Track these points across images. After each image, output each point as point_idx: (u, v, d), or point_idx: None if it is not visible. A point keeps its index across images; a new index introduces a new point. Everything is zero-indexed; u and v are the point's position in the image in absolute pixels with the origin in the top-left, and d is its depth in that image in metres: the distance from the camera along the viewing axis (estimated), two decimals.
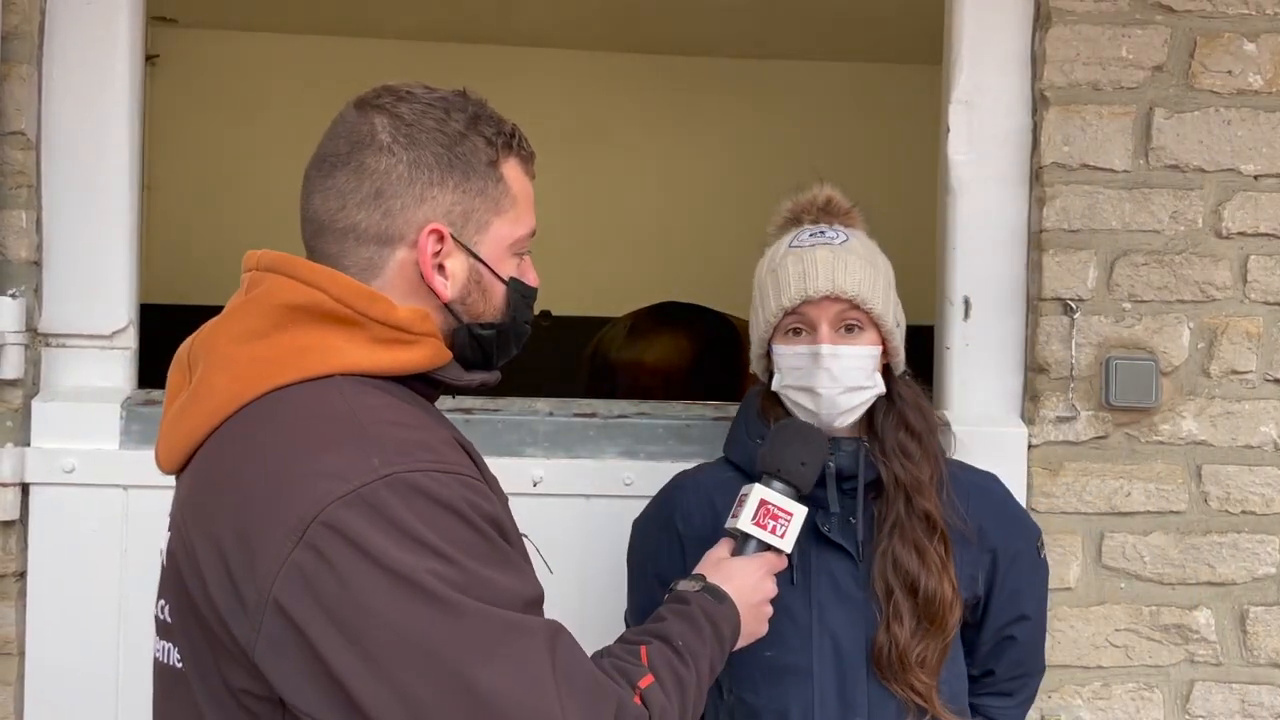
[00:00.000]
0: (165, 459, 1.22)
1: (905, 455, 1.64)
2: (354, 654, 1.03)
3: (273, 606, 1.05)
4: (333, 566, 1.03)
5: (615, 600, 2.09)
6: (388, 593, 1.03)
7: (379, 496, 1.05)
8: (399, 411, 1.15)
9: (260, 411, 1.13)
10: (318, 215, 1.21)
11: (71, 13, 2.13)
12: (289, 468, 1.08)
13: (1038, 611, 1.77)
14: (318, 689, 1.04)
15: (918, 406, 1.69)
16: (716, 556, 1.46)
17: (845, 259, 1.63)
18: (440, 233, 1.20)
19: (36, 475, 2.06)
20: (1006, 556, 1.69)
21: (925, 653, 1.58)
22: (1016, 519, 1.77)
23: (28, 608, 2.08)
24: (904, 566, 1.59)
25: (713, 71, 5.48)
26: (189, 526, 1.14)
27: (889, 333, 1.65)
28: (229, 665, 1.10)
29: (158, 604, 1.23)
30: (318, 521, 1.04)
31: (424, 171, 1.19)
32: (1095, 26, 2.16)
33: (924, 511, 1.61)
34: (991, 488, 1.76)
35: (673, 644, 1.26)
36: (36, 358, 2.13)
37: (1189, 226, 2.16)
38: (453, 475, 1.10)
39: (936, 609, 1.58)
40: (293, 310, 1.16)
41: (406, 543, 1.04)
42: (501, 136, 1.24)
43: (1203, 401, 2.16)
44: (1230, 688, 2.15)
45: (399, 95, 1.22)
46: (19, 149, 2.09)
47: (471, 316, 1.24)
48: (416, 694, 1.03)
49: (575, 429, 2.15)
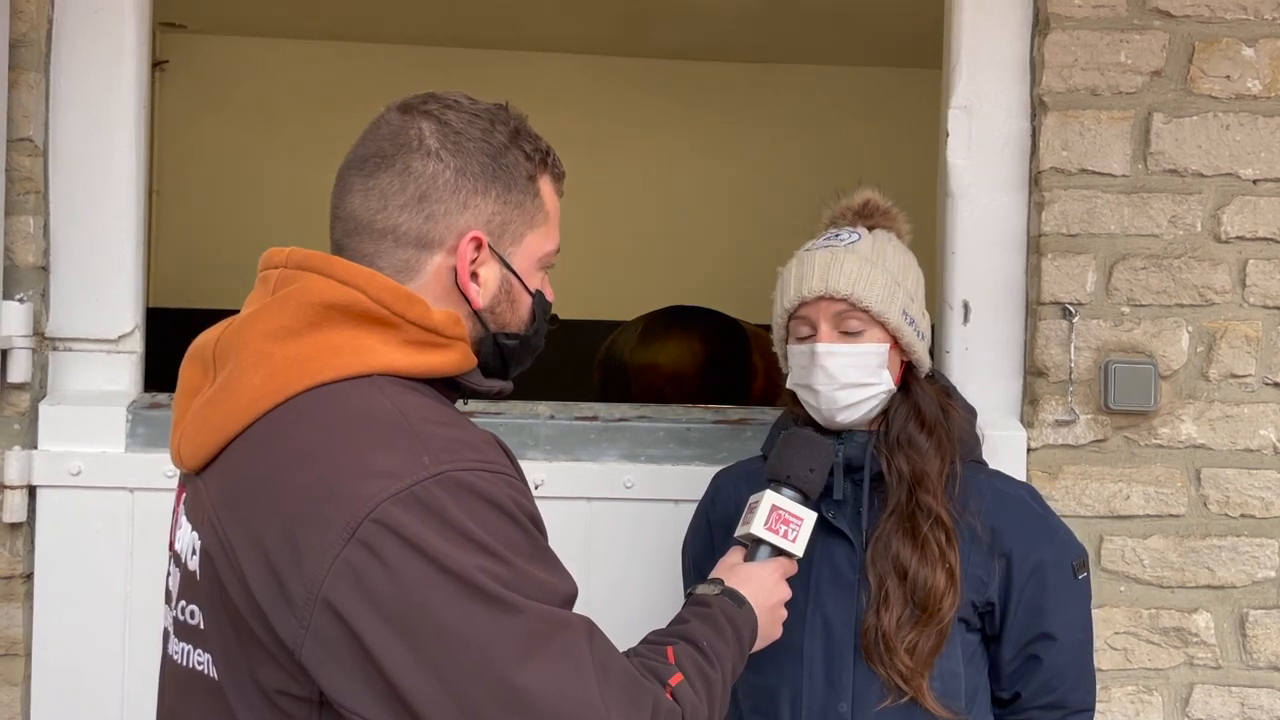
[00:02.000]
0: (189, 455, 1.20)
1: (911, 447, 1.65)
2: (406, 651, 1.03)
3: (322, 604, 1.04)
4: (385, 563, 1.04)
5: (618, 603, 2.11)
6: (441, 589, 1.04)
7: (431, 494, 1.06)
8: (439, 412, 1.16)
9: (300, 409, 1.13)
10: (356, 214, 1.22)
11: (79, 20, 2.16)
12: (337, 465, 1.08)
13: (1069, 635, 1.67)
14: (368, 687, 1.05)
15: (937, 402, 1.70)
16: (730, 562, 1.49)
17: (843, 259, 1.65)
18: (479, 241, 1.21)
19: (43, 478, 2.09)
20: (1025, 566, 1.66)
21: (916, 640, 1.59)
22: (1044, 530, 1.71)
23: (34, 609, 2.09)
24: (896, 553, 1.61)
25: (719, 76, 5.50)
26: (226, 525, 1.13)
27: (896, 330, 1.65)
28: (266, 666, 1.10)
29: (177, 606, 1.22)
30: (370, 519, 1.04)
31: (469, 179, 1.21)
32: (1094, 32, 2.17)
33: (926, 503, 1.62)
34: (1018, 495, 1.73)
35: (698, 645, 1.28)
36: (44, 361, 2.15)
37: (1188, 231, 2.17)
38: (497, 474, 1.11)
39: (927, 596, 1.59)
40: (329, 309, 1.16)
41: (458, 540, 1.05)
42: (539, 153, 1.27)
43: (1202, 405, 2.16)
44: (1230, 691, 2.16)
45: (445, 103, 1.24)
46: (27, 155, 2.12)
47: (498, 326, 1.26)
48: (467, 690, 1.03)
49: (576, 432, 2.17)
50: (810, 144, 5.42)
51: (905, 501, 1.64)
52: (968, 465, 1.71)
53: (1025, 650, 1.67)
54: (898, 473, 1.65)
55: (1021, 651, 1.67)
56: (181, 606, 1.21)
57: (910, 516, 1.63)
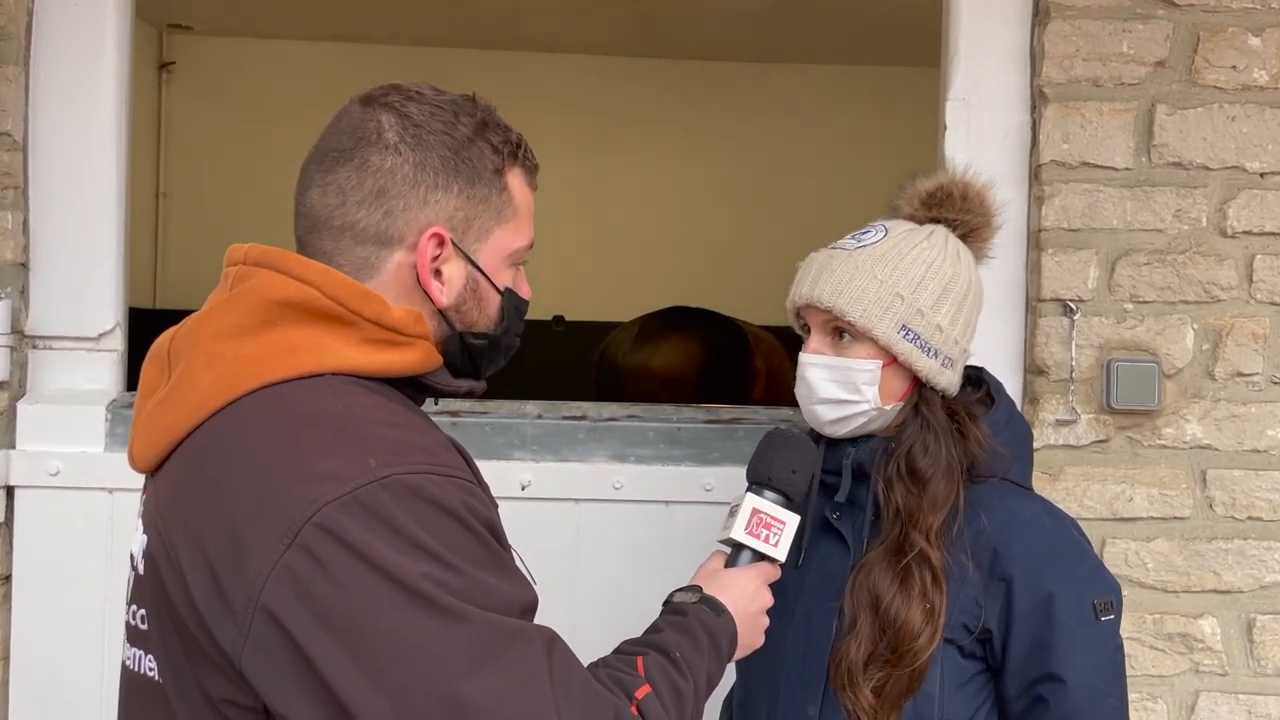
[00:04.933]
0: (140, 456, 1.19)
1: (913, 478, 1.54)
2: (348, 660, 1.00)
3: (262, 611, 1.01)
4: (326, 570, 1.00)
5: (605, 605, 2.07)
6: (383, 598, 1.00)
7: (375, 498, 1.02)
8: (392, 413, 1.12)
9: (248, 410, 1.10)
10: (315, 210, 1.19)
11: (59, 13, 2.13)
12: (282, 468, 1.05)
13: (1082, 679, 1.50)
14: (308, 697, 1.01)
15: (949, 428, 1.57)
16: (711, 568, 1.43)
17: (837, 266, 1.55)
18: (441, 237, 1.18)
19: (21, 478, 2.06)
20: (1031, 596, 1.52)
21: (885, 680, 1.50)
22: (1061, 560, 1.55)
23: (12, 611, 2.07)
24: (875, 584, 1.52)
25: (724, 76, 5.48)
26: (170, 528, 1.11)
27: (888, 345, 1.53)
28: (210, 674, 1.07)
29: (129, 610, 1.20)
30: (311, 523, 1.01)
31: (429, 174, 1.17)
32: (1095, 21, 2.12)
33: (915, 541, 1.52)
34: (1034, 518, 1.59)
35: (670, 655, 1.23)
36: (23, 360, 2.13)
37: (1193, 225, 2.11)
38: (449, 478, 1.07)
39: (899, 634, 1.49)
40: (284, 306, 1.13)
41: (403, 546, 1.01)
42: (508, 145, 1.22)
43: (1207, 404, 2.10)
44: (1236, 698, 2.10)
45: (408, 95, 1.20)
46: (6, 150, 2.09)
47: (465, 325, 1.22)
48: (410, 702, 0.99)
49: (564, 432, 2.12)
50: (816, 144, 5.39)
51: (896, 536, 1.54)
52: (993, 483, 1.58)
53: (1031, 690, 1.53)
54: (894, 507, 1.55)
55: (1026, 691, 1.53)
56: (133, 610, 1.18)
57: (897, 550, 1.53)
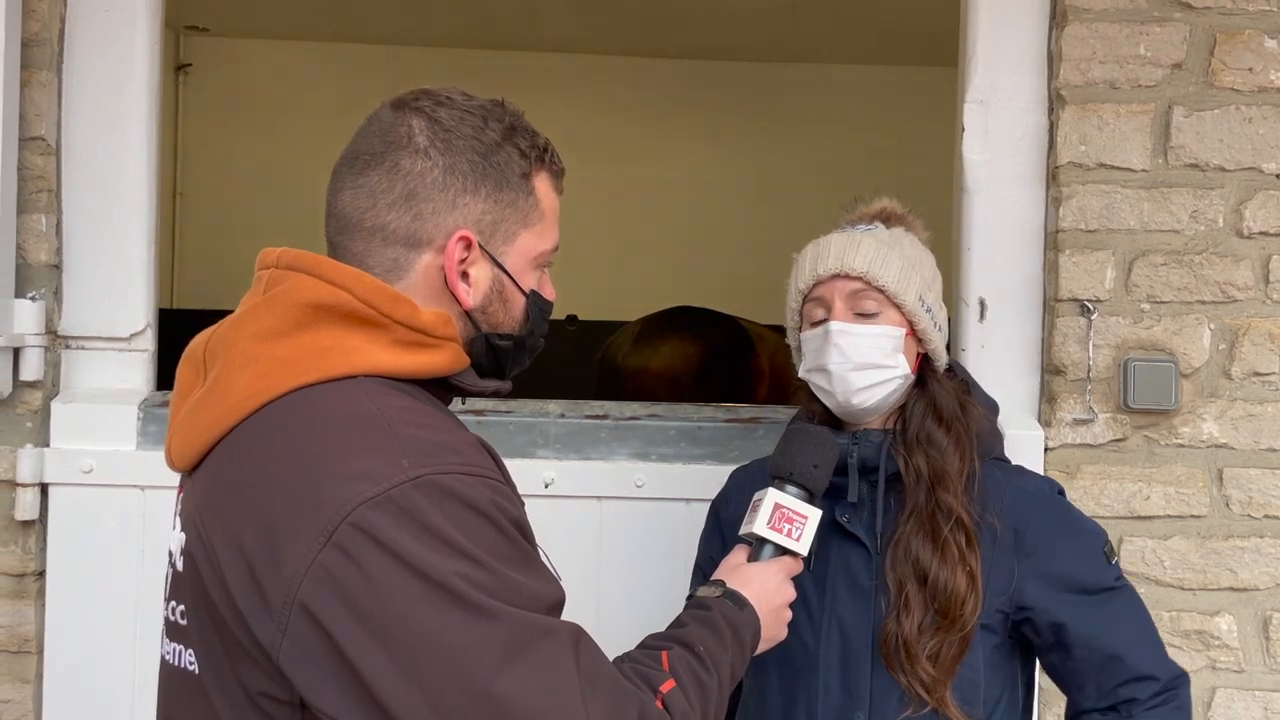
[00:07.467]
0: (178, 456, 1.21)
1: (930, 444, 1.60)
2: (383, 656, 1.02)
3: (299, 608, 1.04)
4: (361, 568, 1.03)
5: (628, 601, 2.10)
6: (416, 595, 1.02)
7: (409, 498, 1.04)
8: (423, 414, 1.14)
9: (284, 411, 1.13)
10: (346, 212, 1.21)
11: (91, 20, 2.16)
12: (318, 468, 1.07)
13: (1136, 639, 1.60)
14: (343, 692, 1.04)
15: (956, 397, 1.65)
16: (734, 562, 1.45)
17: (859, 241, 1.62)
18: (468, 240, 1.20)
19: (55, 476, 2.09)
20: (1052, 569, 1.59)
21: (939, 646, 1.53)
22: (1069, 527, 1.64)
23: (46, 607, 2.10)
24: (916, 556, 1.56)
25: (738, 76, 5.48)
26: (208, 526, 1.13)
27: (912, 314, 1.61)
28: (248, 668, 1.10)
29: (168, 605, 1.22)
30: (346, 523, 1.04)
31: (458, 178, 1.19)
32: (1113, 24, 2.14)
33: (945, 504, 1.57)
34: (1040, 490, 1.67)
35: (694, 649, 1.25)
36: (56, 360, 2.16)
37: (1209, 226, 2.13)
38: (480, 478, 1.10)
39: (948, 601, 1.54)
40: (316, 309, 1.15)
41: (436, 545, 1.04)
42: (535, 150, 1.25)
43: (1224, 404, 2.12)
44: (1253, 695, 2.11)
45: (438, 100, 1.22)
46: (39, 154, 2.12)
47: (490, 326, 1.24)
48: (444, 698, 1.02)
49: (587, 431, 2.15)
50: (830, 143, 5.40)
51: (924, 502, 1.58)
52: (988, 463, 1.65)
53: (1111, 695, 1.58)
54: (915, 472, 1.59)
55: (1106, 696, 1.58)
56: (172, 606, 1.21)
57: (930, 517, 1.57)
